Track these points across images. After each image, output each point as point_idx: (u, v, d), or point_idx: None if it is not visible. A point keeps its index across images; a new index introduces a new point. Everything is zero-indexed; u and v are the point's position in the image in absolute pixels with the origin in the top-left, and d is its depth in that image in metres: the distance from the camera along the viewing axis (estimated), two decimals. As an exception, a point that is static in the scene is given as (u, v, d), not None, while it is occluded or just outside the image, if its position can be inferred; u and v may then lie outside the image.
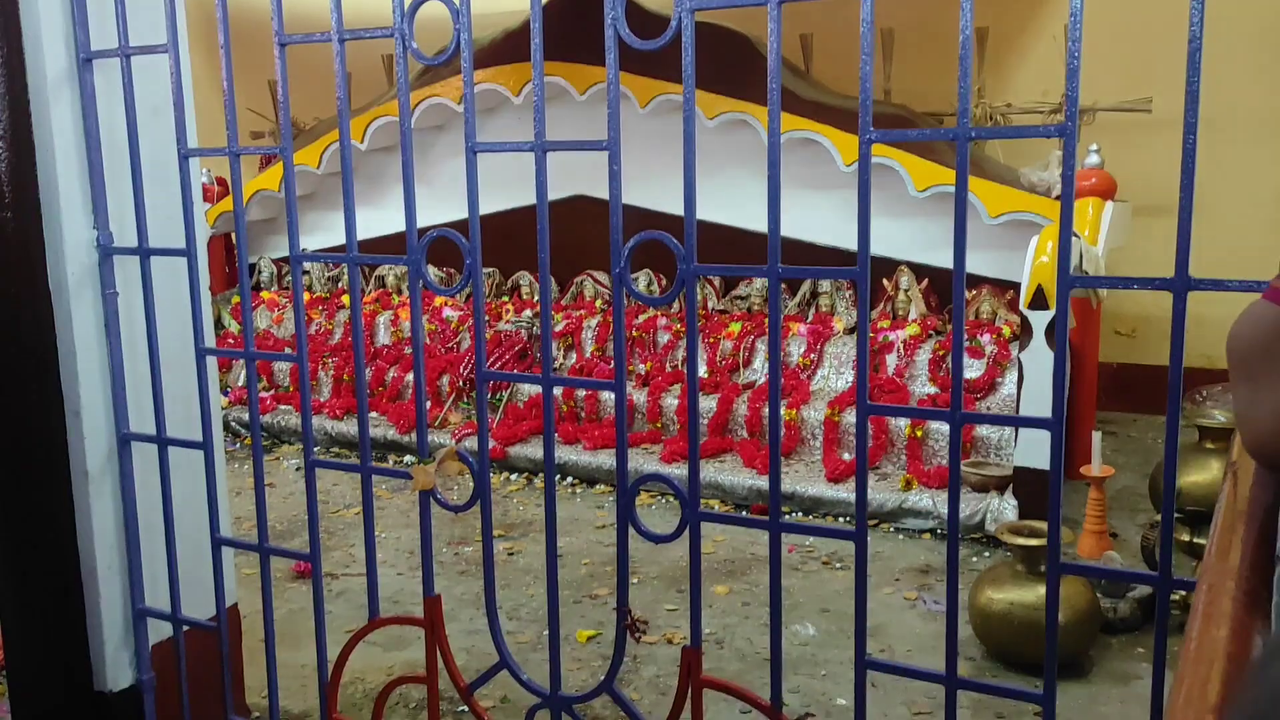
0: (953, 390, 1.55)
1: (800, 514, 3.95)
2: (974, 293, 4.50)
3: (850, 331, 4.63)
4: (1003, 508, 3.62)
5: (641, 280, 5.22)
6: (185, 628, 2.20)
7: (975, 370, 4.20)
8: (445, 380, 5.00)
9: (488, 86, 5.08)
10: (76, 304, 2.06)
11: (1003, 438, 3.91)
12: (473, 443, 4.53)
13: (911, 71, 5.23)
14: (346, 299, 5.86)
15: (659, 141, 4.21)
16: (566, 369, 4.96)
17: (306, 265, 6.01)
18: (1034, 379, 3.69)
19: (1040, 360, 3.65)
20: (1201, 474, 3.20)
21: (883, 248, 4.52)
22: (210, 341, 2.13)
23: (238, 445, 5.00)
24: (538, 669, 2.37)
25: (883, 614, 3.10)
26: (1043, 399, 3.60)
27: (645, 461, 4.28)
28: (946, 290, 4.48)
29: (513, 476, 4.51)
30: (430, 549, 1.97)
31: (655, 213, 4.13)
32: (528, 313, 5.16)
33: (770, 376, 1.67)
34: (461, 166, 1.85)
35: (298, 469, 4.70)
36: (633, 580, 3.36)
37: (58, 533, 2.13)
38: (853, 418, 4.09)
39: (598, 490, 4.32)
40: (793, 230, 3.39)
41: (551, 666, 1.93)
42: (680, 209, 1.65)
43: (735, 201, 4.69)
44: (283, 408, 5.23)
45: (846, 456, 4.12)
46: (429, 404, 4.81)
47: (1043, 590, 2.55)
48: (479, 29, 2.25)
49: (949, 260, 1.56)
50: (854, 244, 1.57)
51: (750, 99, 4.53)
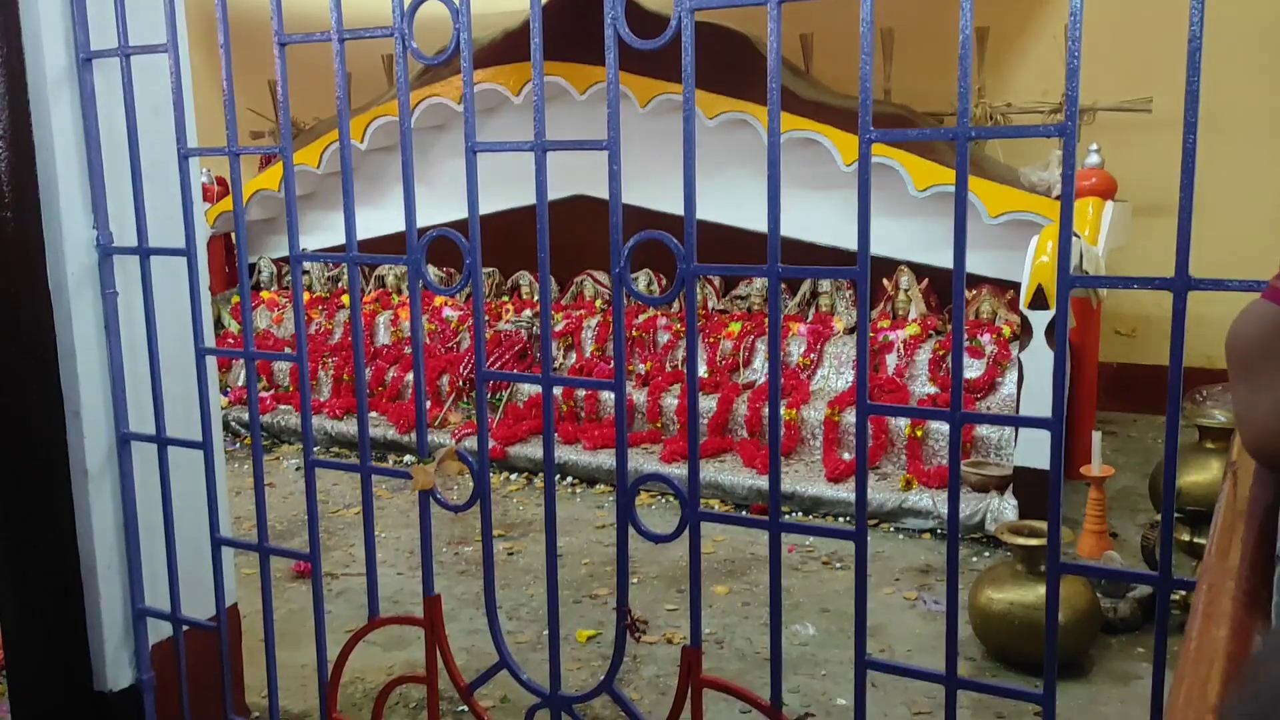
0: (953, 390, 1.55)
1: (800, 514, 3.95)
2: (974, 292, 4.50)
3: (850, 331, 4.63)
4: (1003, 508, 3.62)
5: (641, 280, 5.22)
6: (185, 627, 2.20)
7: (975, 370, 4.20)
8: (445, 380, 5.00)
9: (488, 86, 5.08)
10: (76, 304, 2.06)
11: (1003, 437, 3.91)
12: (472, 442, 4.53)
13: (912, 71, 5.23)
14: (346, 299, 5.86)
15: (659, 141, 4.21)
16: (566, 369, 4.96)
17: (306, 265, 6.01)
18: (1034, 379, 3.69)
19: (1040, 360, 3.65)
20: (1202, 474, 3.20)
21: (883, 247, 4.52)
22: (210, 341, 2.13)
23: (237, 445, 5.00)
24: (538, 669, 2.37)
25: (883, 614, 3.10)
26: (1043, 399, 3.60)
27: (645, 461, 4.28)
28: (946, 290, 4.48)
29: (512, 476, 4.51)
30: (430, 549, 1.97)
31: (655, 212, 4.13)
32: (527, 312, 5.16)
33: (770, 376, 1.67)
34: (461, 166, 1.85)
35: (297, 469, 4.70)
36: (633, 580, 3.36)
37: (58, 532, 2.13)
38: (852, 418, 4.09)
39: (597, 490, 4.32)
40: (793, 230, 3.39)
41: (551, 666, 1.93)
42: (680, 209, 1.65)
43: (735, 201, 4.69)
44: (282, 407, 5.23)
45: (846, 456, 4.12)
46: (429, 404, 4.82)
47: (1043, 590, 2.55)
48: (478, 29, 2.25)
49: (949, 260, 1.56)
50: (854, 244, 1.57)
51: (750, 99, 4.53)
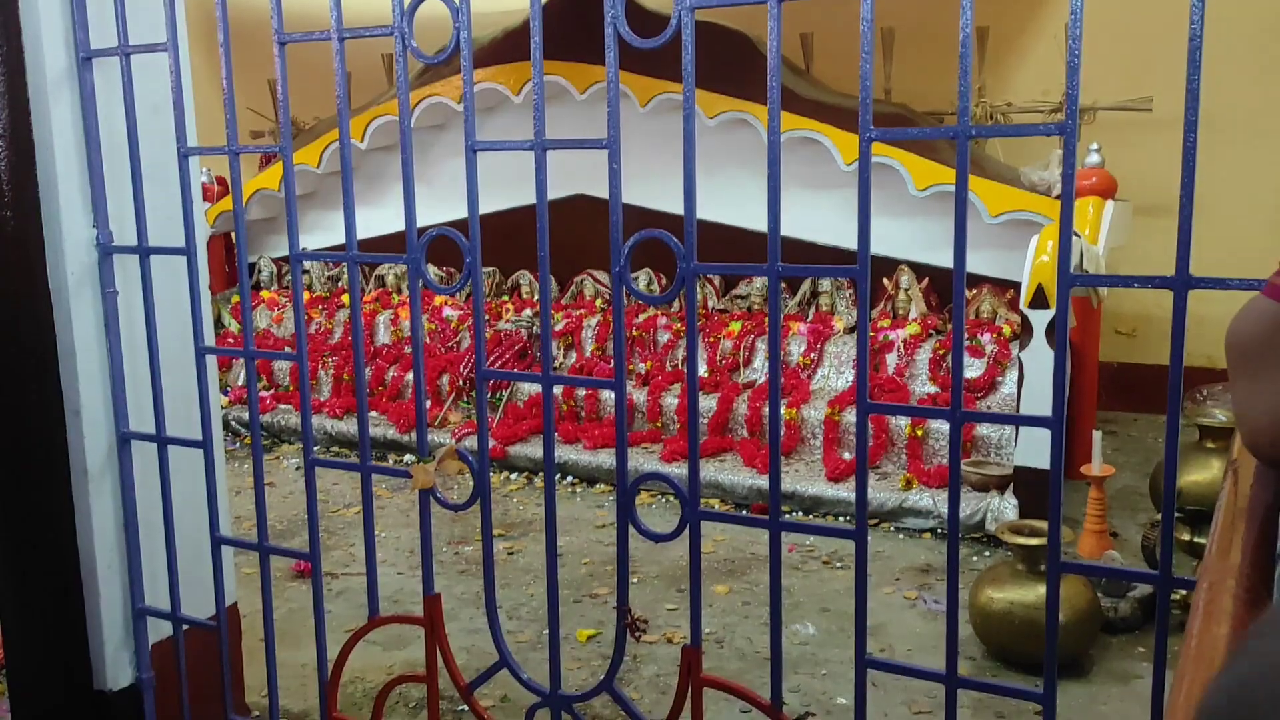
0: (953, 389, 1.55)
1: (800, 513, 3.95)
2: (974, 292, 4.50)
3: (850, 331, 4.63)
4: (1003, 507, 3.62)
5: (641, 279, 5.22)
6: (185, 627, 2.19)
7: (976, 369, 4.20)
8: (445, 379, 5.00)
9: (488, 85, 5.08)
10: (76, 303, 2.06)
11: (1003, 437, 3.91)
12: (472, 442, 4.53)
13: (912, 71, 5.23)
14: (346, 298, 5.86)
15: (659, 140, 4.21)
16: (566, 368, 4.96)
17: (306, 264, 6.01)
18: (1034, 378, 3.68)
19: (1041, 359, 3.65)
20: (1202, 473, 3.20)
21: (883, 247, 4.52)
22: (210, 340, 2.13)
23: (238, 444, 5.00)
24: (538, 668, 2.37)
25: (883, 613, 3.10)
26: (1043, 398, 3.60)
27: (645, 461, 4.28)
28: (947, 289, 4.48)
29: (513, 476, 4.51)
30: (430, 548, 1.97)
31: (655, 212, 4.12)
32: (528, 312, 5.16)
33: (770, 376, 1.67)
34: (461, 166, 1.85)
35: (297, 468, 4.70)
36: (633, 579, 3.36)
37: (57, 532, 2.12)
38: (853, 417, 4.09)
39: (598, 490, 4.32)
40: (793, 229, 3.39)
41: (551, 665, 1.93)
42: (680, 208, 1.65)
43: (735, 201, 4.69)
44: (282, 407, 5.23)
45: (847, 456, 4.12)
46: (429, 403, 4.81)
47: (1043, 590, 2.55)
48: (479, 28, 2.25)
49: (949, 259, 1.56)
50: (854, 243, 1.57)
51: (750, 98, 4.53)
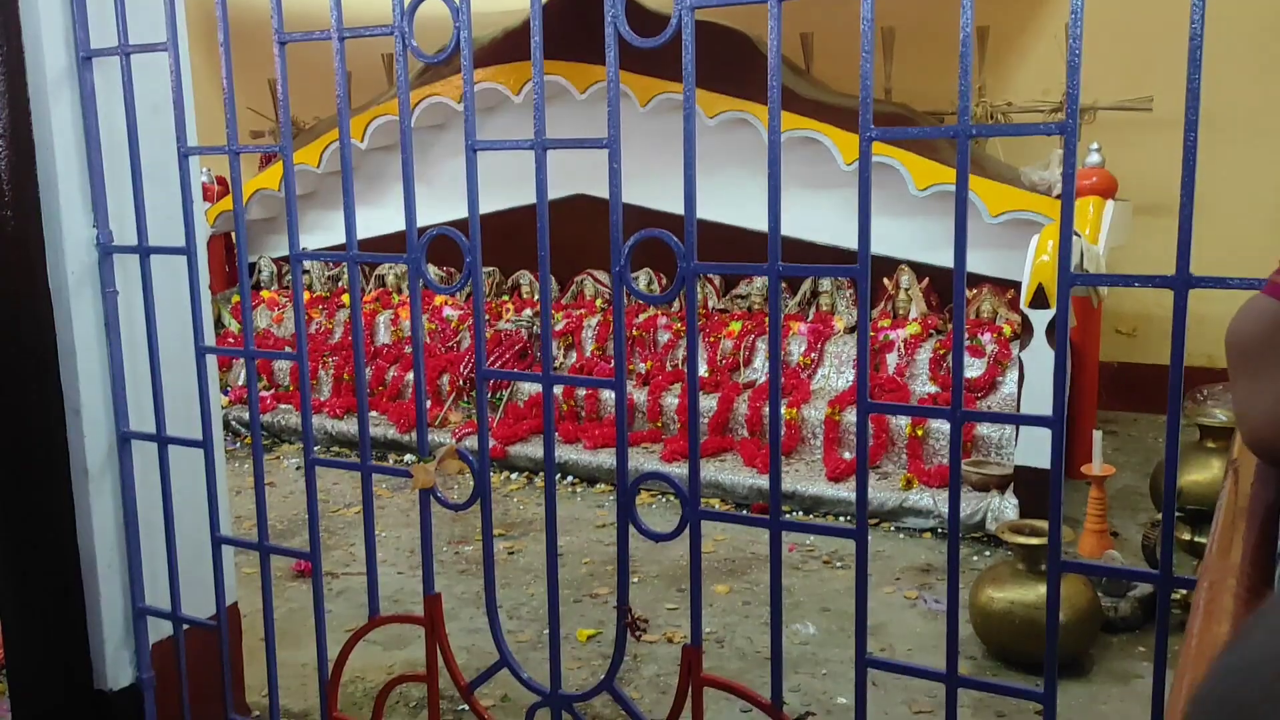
0: (953, 388, 1.55)
1: (801, 513, 3.95)
2: (975, 292, 4.50)
3: (851, 330, 4.63)
4: (1003, 507, 3.62)
5: (642, 279, 5.22)
6: (185, 626, 2.19)
7: (976, 369, 4.20)
8: (445, 379, 5.00)
9: (488, 85, 5.08)
10: (76, 302, 2.06)
11: (1003, 437, 3.91)
12: (473, 442, 4.53)
13: (912, 71, 5.23)
14: (347, 298, 5.86)
15: (659, 140, 4.21)
16: (567, 368, 4.96)
17: (306, 264, 6.01)
18: (1035, 378, 3.68)
19: (1041, 359, 3.64)
20: (1202, 473, 3.20)
21: (883, 247, 4.52)
22: (210, 340, 2.13)
23: (238, 444, 5.00)
24: (538, 668, 2.37)
25: (883, 613, 3.10)
26: (1044, 398, 3.60)
27: (645, 460, 4.28)
28: (947, 289, 4.48)
29: (513, 476, 4.51)
30: (430, 547, 1.97)
31: (655, 211, 4.13)
32: (528, 312, 5.16)
33: (771, 375, 1.67)
34: (461, 166, 1.85)
35: (298, 468, 4.70)
36: (633, 579, 3.36)
37: (58, 531, 2.12)
38: (853, 417, 4.09)
39: (598, 489, 4.32)
40: (793, 229, 3.39)
41: (552, 665, 1.93)
42: (680, 208, 1.65)
43: (735, 201, 4.69)
44: (283, 407, 5.23)
45: (847, 455, 4.12)
46: (429, 403, 4.81)
47: (1043, 589, 2.55)
48: (479, 28, 2.25)
49: (949, 259, 1.56)
50: (854, 243, 1.57)
51: (750, 98, 4.53)
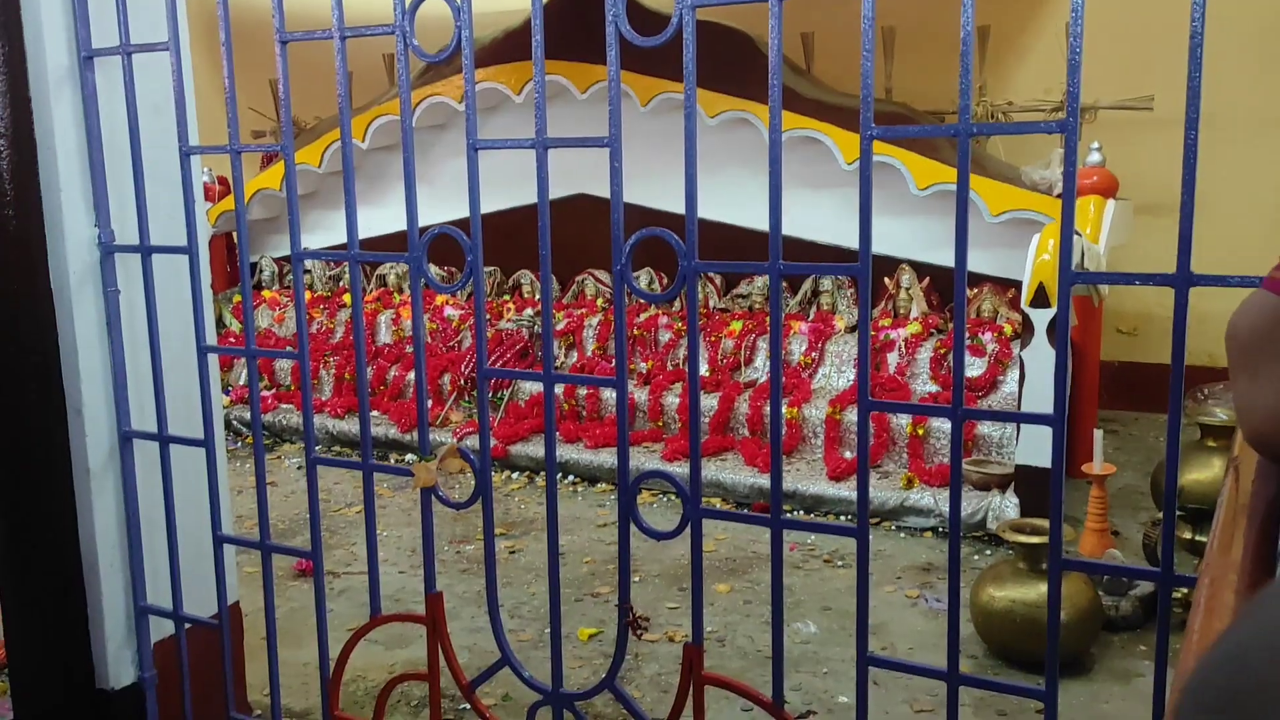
0: (954, 386, 1.55)
1: (802, 512, 3.95)
2: (975, 291, 4.50)
3: (851, 330, 4.63)
4: (1004, 506, 3.62)
5: (643, 279, 5.22)
6: (187, 625, 2.20)
7: (977, 368, 4.20)
8: (446, 379, 5.00)
9: (489, 85, 5.08)
10: (78, 302, 2.06)
11: (1004, 436, 3.91)
12: (474, 441, 4.53)
13: (912, 70, 5.23)
14: (348, 298, 5.86)
15: (660, 140, 4.20)
16: (568, 367, 4.96)
17: (308, 264, 6.01)
18: (1036, 377, 3.68)
19: (1042, 358, 3.64)
20: (1203, 472, 3.20)
21: (884, 246, 4.51)
22: (211, 340, 2.14)
23: (239, 444, 5.00)
24: (539, 666, 2.37)
25: (884, 612, 3.10)
26: (1044, 397, 3.59)
27: (646, 460, 4.28)
28: (948, 289, 4.48)
29: (514, 475, 4.51)
30: (432, 546, 1.97)
31: (656, 211, 4.12)
32: (529, 311, 5.16)
33: (772, 375, 1.67)
34: (462, 166, 1.85)
35: (299, 467, 4.70)
36: (634, 578, 3.36)
37: (59, 530, 2.13)
38: (854, 416, 4.09)
39: (599, 489, 4.32)
40: (794, 229, 3.38)
41: (553, 664, 1.93)
42: (681, 208, 1.65)
43: (736, 200, 4.69)
44: (284, 407, 5.23)
45: (848, 455, 4.12)
46: (430, 402, 4.82)
47: (1044, 588, 2.55)
48: (479, 28, 2.25)
49: (950, 259, 1.56)
50: (855, 243, 1.57)
51: (751, 97, 4.53)
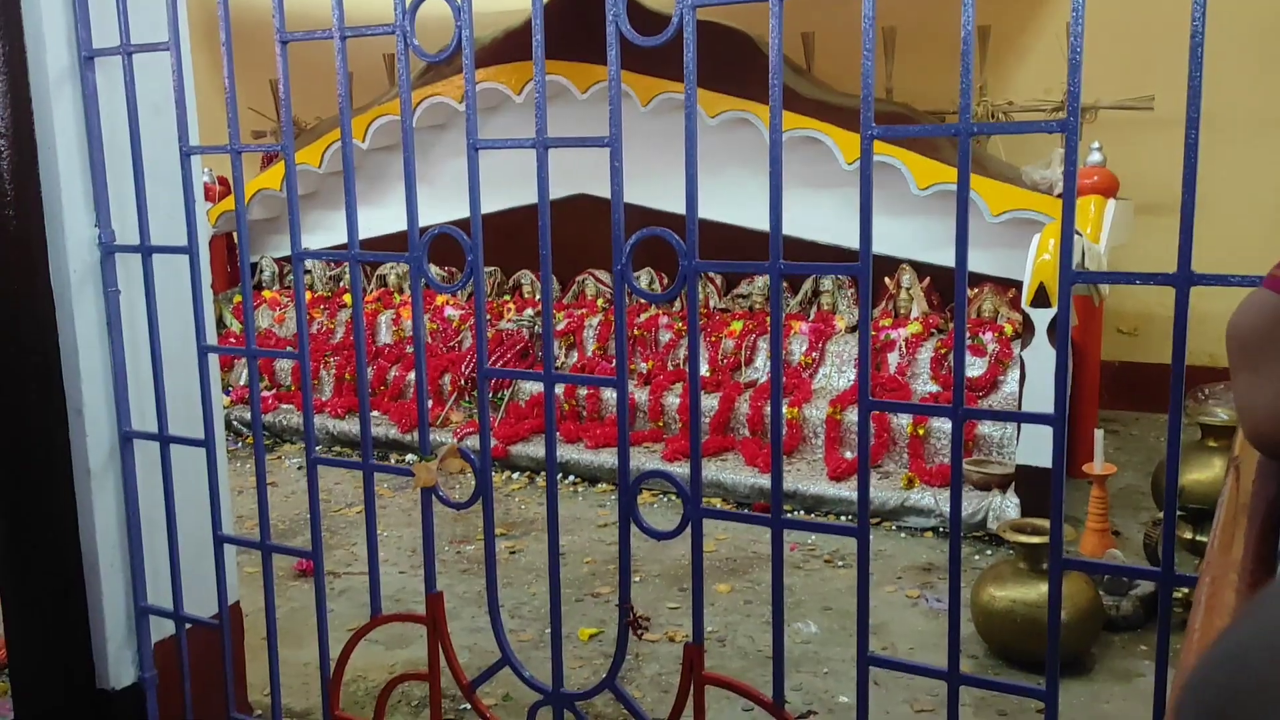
0: (955, 385, 1.55)
1: (802, 512, 3.95)
2: (976, 291, 4.50)
3: (852, 330, 4.63)
4: (1005, 506, 3.62)
5: (643, 279, 5.22)
6: (187, 625, 2.20)
7: (977, 368, 4.20)
8: (447, 379, 5.00)
9: (489, 85, 5.08)
10: (78, 302, 2.06)
11: (1005, 436, 3.91)
12: (474, 441, 4.53)
13: (913, 71, 5.23)
14: (348, 298, 5.86)
15: (660, 140, 4.20)
16: (568, 368, 4.96)
17: (308, 264, 6.01)
18: (1036, 377, 3.68)
19: (1042, 358, 3.64)
20: (1204, 472, 3.20)
21: (885, 246, 4.52)
22: (212, 340, 2.14)
23: (239, 444, 5.00)
24: (540, 666, 2.37)
25: (885, 612, 3.10)
26: (1045, 397, 3.59)
27: (647, 460, 4.28)
28: (948, 288, 4.48)
29: (514, 475, 4.51)
30: (432, 546, 1.97)
31: (657, 211, 4.12)
32: (529, 311, 5.16)
33: (772, 375, 1.66)
34: (463, 166, 1.85)
35: (299, 467, 4.70)
36: (635, 578, 3.35)
37: (59, 531, 2.13)
38: (854, 416, 4.09)
39: (599, 489, 4.32)
40: (794, 229, 3.38)
41: (554, 664, 1.93)
42: (682, 208, 1.65)
43: (737, 200, 4.69)
44: (284, 407, 5.23)
45: (848, 455, 4.12)
46: (430, 403, 4.81)
47: (1045, 588, 2.55)
48: (480, 28, 2.25)
49: (951, 258, 1.56)
50: (855, 243, 1.57)
51: (752, 97, 4.53)
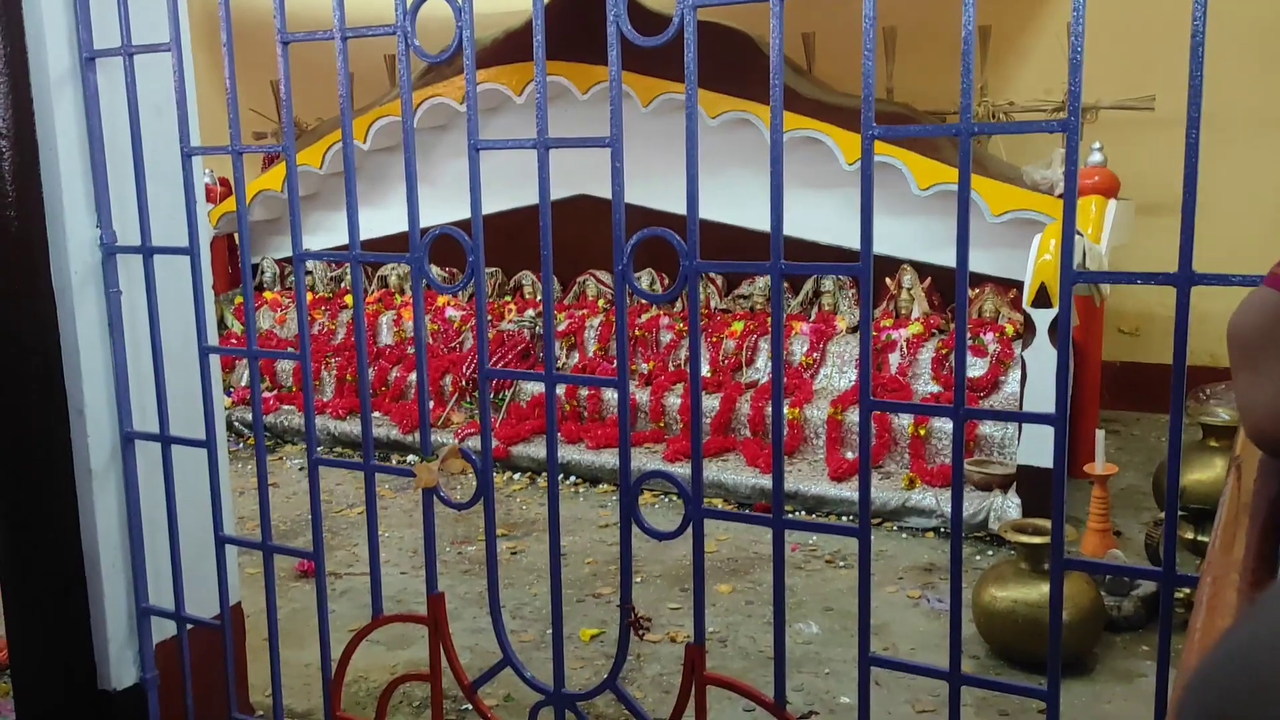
0: (956, 385, 1.55)
1: (803, 513, 3.95)
2: (977, 291, 4.50)
3: (853, 330, 4.63)
4: (1006, 506, 3.62)
5: (644, 280, 5.22)
6: (189, 626, 2.20)
7: (979, 369, 4.20)
8: (448, 380, 5.00)
9: (490, 86, 5.08)
10: (80, 302, 2.06)
11: (1006, 436, 3.91)
12: (475, 442, 4.53)
13: (913, 71, 5.23)
14: (349, 299, 5.86)
15: (661, 141, 4.20)
16: (569, 368, 4.96)
17: (309, 265, 6.01)
18: (1037, 377, 3.68)
19: (1044, 358, 3.64)
20: (1205, 472, 3.19)
21: (885, 246, 4.51)
22: (213, 340, 2.14)
23: (241, 445, 5.00)
24: (541, 667, 2.37)
25: (886, 612, 3.10)
26: (1046, 397, 3.59)
27: (648, 461, 4.27)
28: (949, 289, 4.48)
29: (516, 476, 4.51)
30: (434, 547, 1.97)
31: (657, 212, 4.11)
32: (530, 312, 5.16)
33: (773, 375, 1.67)
34: (464, 167, 1.85)
35: (301, 468, 4.70)
36: (636, 579, 3.35)
37: (61, 531, 2.13)
38: (855, 416, 4.09)
39: (600, 490, 4.32)
40: (795, 229, 3.39)
41: (555, 664, 1.93)
42: (682, 208, 1.65)
43: (737, 201, 4.69)
44: (286, 408, 5.23)
45: (849, 455, 4.11)
46: (431, 403, 4.82)
47: (1046, 588, 2.55)
48: (480, 29, 2.25)
49: (952, 259, 1.56)
50: (856, 243, 1.57)
51: (752, 98, 4.53)
